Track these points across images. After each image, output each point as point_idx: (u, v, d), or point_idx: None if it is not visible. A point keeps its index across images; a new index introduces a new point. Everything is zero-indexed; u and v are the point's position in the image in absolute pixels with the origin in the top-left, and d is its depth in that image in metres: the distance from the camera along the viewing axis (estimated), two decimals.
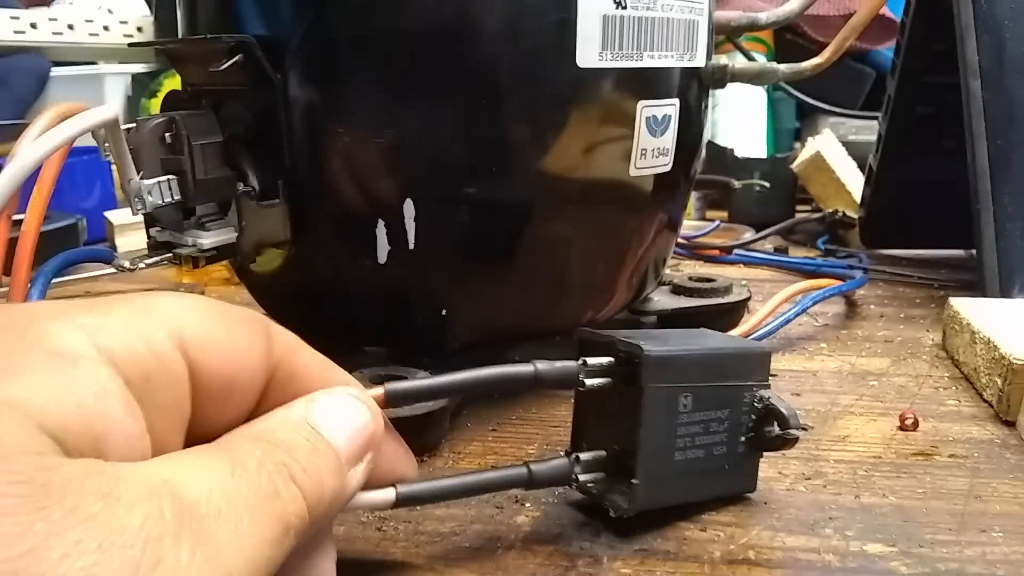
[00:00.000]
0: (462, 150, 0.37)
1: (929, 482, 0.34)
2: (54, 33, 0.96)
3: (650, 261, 0.46)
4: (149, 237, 0.38)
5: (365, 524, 0.31)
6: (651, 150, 0.41)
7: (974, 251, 0.55)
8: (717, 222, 0.83)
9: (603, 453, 0.30)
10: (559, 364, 0.29)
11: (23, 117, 0.92)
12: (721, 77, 0.47)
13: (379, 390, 0.26)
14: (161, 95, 0.49)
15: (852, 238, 0.76)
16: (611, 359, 0.30)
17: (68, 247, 0.66)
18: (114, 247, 0.74)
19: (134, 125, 0.36)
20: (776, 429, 0.31)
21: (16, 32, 0.94)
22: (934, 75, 0.65)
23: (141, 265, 0.37)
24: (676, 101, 0.41)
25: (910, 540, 0.30)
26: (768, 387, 0.32)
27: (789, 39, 1.10)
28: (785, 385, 0.44)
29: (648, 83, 0.40)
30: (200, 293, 0.60)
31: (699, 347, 0.32)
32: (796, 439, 0.31)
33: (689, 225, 0.85)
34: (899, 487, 0.33)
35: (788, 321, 0.49)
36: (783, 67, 0.49)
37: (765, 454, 0.35)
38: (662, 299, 0.51)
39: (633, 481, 0.29)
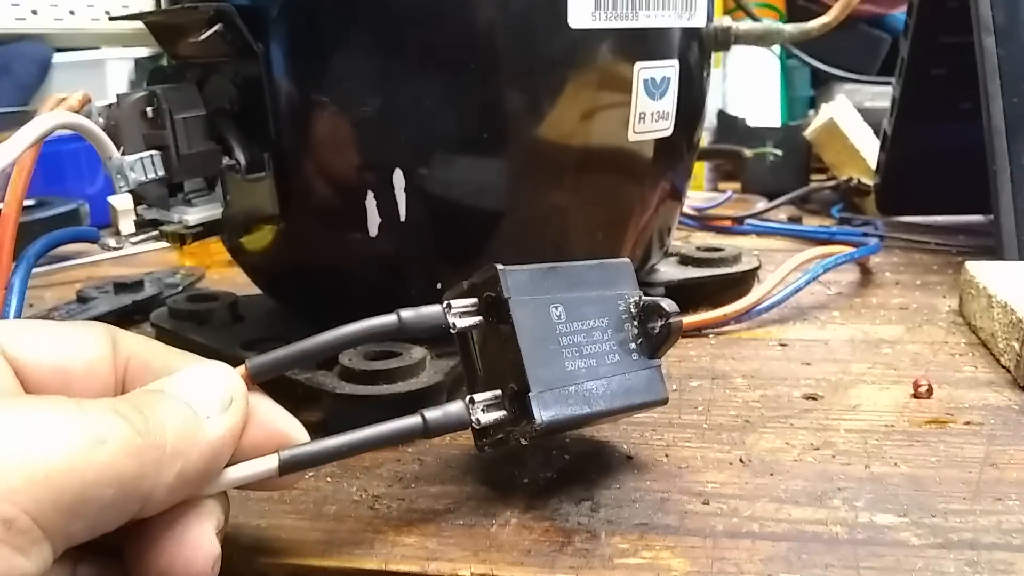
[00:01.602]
0: (452, 118, 0.36)
1: (943, 450, 0.33)
2: (55, 19, 0.95)
3: (654, 230, 0.45)
4: (136, 215, 0.38)
5: (357, 503, 0.30)
6: (650, 114, 0.39)
7: (992, 215, 0.53)
8: (729, 192, 0.82)
9: (498, 392, 0.29)
10: (423, 309, 0.28)
11: (26, 104, 0.91)
12: (725, 38, 0.45)
13: (240, 368, 0.26)
14: None
15: (868, 206, 0.74)
16: (476, 299, 0.29)
17: None
18: (118, 232, 0.73)
19: (115, 101, 0.35)
20: (660, 322, 0.31)
21: (17, 19, 0.93)
22: (948, 35, 0.63)
23: (127, 244, 0.36)
24: (675, 62, 0.40)
25: (922, 510, 0.28)
26: (639, 293, 0.32)
27: (801, 5, 1.08)
28: (795, 354, 0.43)
29: (645, 43, 0.39)
30: (201, 276, 0.59)
31: (553, 263, 0.31)
32: (680, 324, 0.31)
33: (701, 196, 0.83)
34: (911, 456, 0.32)
35: (799, 290, 0.48)
36: (789, 27, 0.47)
37: (770, 424, 0.35)
38: (669, 270, 0.50)
39: (529, 394, 0.28)
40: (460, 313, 0.29)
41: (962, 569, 0.25)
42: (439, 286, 0.38)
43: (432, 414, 0.27)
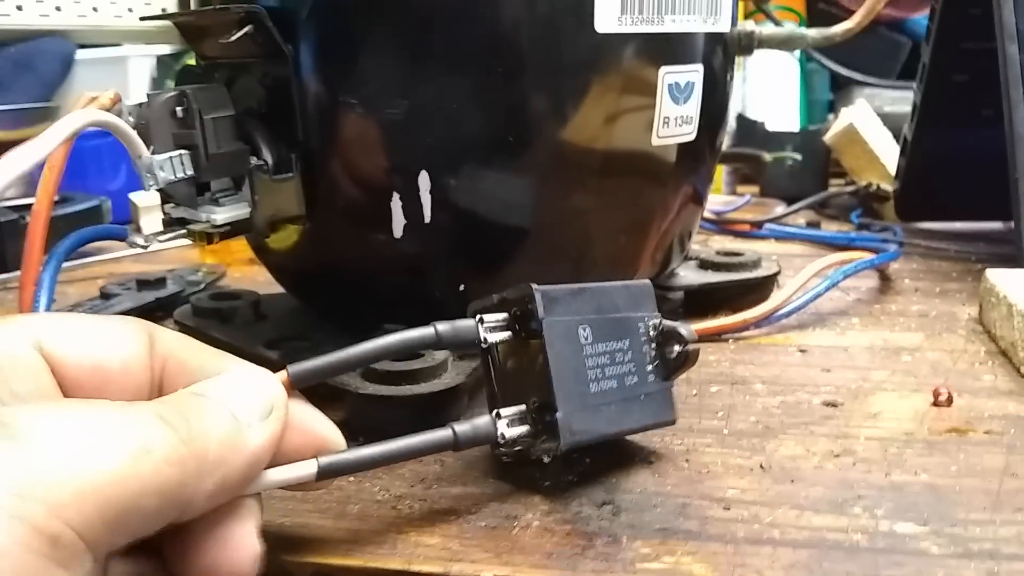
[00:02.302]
0: (478, 121, 0.36)
1: (963, 459, 0.33)
2: (79, 16, 0.96)
3: (675, 235, 0.45)
4: (164, 213, 0.38)
5: (380, 503, 0.31)
6: (674, 118, 0.40)
7: (1012, 223, 0.53)
8: (748, 197, 0.82)
9: (523, 407, 0.30)
10: (459, 323, 0.30)
11: (49, 100, 0.92)
12: (748, 43, 0.45)
13: (282, 373, 0.26)
14: None
15: (887, 211, 0.74)
16: (506, 314, 0.30)
17: None
18: (139, 228, 0.74)
19: (145, 100, 0.36)
20: (677, 348, 0.32)
21: (41, 15, 0.94)
22: (970, 40, 0.62)
23: (155, 242, 0.36)
24: (700, 67, 0.40)
25: (942, 519, 0.28)
26: (658, 316, 0.33)
27: (822, 8, 1.08)
28: (815, 361, 0.43)
29: (670, 48, 0.39)
30: (222, 274, 0.60)
31: (582, 285, 0.32)
32: (697, 352, 0.32)
33: (720, 200, 0.83)
34: (931, 465, 0.32)
35: (818, 296, 0.48)
36: (812, 32, 0.47)
37: (791, 431, 0.35)
38: (688, 274, 0.50)
39: (556, 415, 0.29)
40: (491, 327, 0.30)
41: None
42: (462, 288, 0.39)
43: (462, 428, 0.29)
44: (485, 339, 0.30)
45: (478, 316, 0.30)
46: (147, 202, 0.63)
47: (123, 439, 0.20)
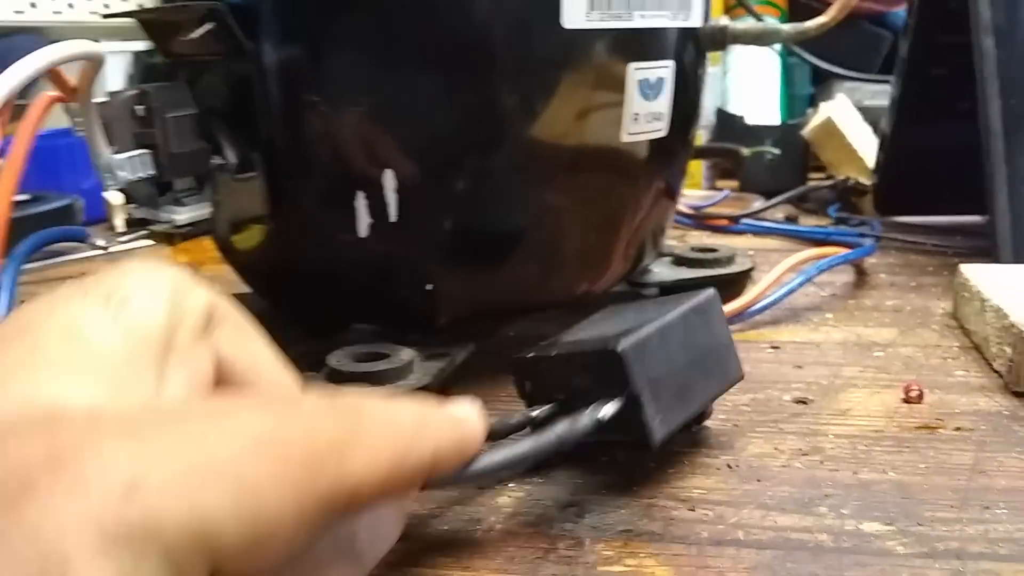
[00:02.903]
0: (444, 118, 0.36)
1: (932, 457, 0.32)
2: (54, 12, 0.95)
3: (647, 231, 0.45)
4: (127, 213, 0.37)
5: None
6: (644, 115, 0.39)
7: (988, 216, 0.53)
8: (726, 191, 0.81)
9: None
10: (579, 424, 0.28)
11: (25, 98, 0.91)
12: (721, 39, 0.45)
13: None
14: None
15: (865, 206, 0.74)
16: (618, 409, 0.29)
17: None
18: (112, 228, 0.73)
19: (107, 99, 0.35)
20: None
21: (16, 11, 0.93)
22: (948, 34, 0.62)
23: (116, 243, 0.36)
24: (671, 63, 0.40)
25: (909, 518, 0.28)
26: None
27: (803, 2, 1.07)
28: (787, 357, 0.43)
29: (640, 44, 0.38)
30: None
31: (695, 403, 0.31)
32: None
33: (698, 195, 0.83)
34: (900, 462, 0.32)
35: (792, 291, 0.48)
36: (786, 27, 0.47)
37: (760, 429, 0.35)
38: (662, 270, 0.50)
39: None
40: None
41: None
42: (429, 287, 0.38)
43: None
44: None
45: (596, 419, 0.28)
46: (122, 200, 0.63)
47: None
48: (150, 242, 0.37)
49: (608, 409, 0.28)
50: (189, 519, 0.15)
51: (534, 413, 0.30)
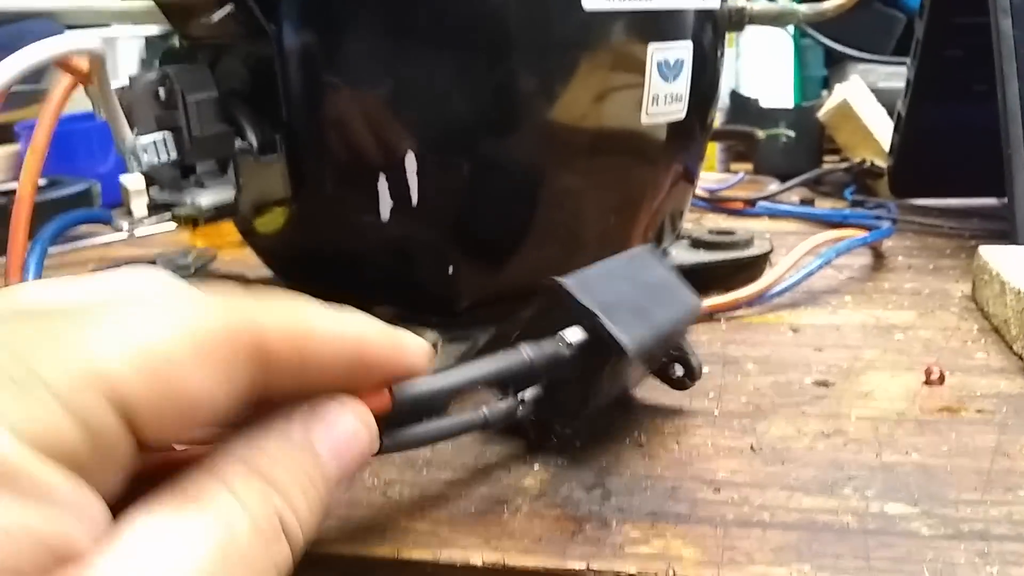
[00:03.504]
0: (465, 100, 0.36)
1: (954, 439, 0.32)
2: None
3: (666, 214, 0.45)
4: (149, 198, 0.38)
5: (370, 489, 0.30)
6: (663, 96, 0.39)
7: (1006, 199, 0.53)
8: (741, 174, 0.81)
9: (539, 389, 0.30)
10: (546, 348, 0.28)
11: (37, 82, 0.91)
12: (739, 19, 0.45)
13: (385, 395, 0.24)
14: None
15: (881, 188, 0.74)
16: (585, 336, 0.29)
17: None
18: (129, 212, 0.73)
19: (128, 83, 0.35)
20: (680, 371, 0.35)
21: None
22: (964, 15, 0.62)
23: (140, 226, 0.36)
24: (689, 44, 0.40)
25: (933, 500, 0.28)
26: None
27: None
28: (807, 340, 0.43)
29: (659, 25, 0.38)
30: (213, 257, 0.59)
31: (664, 322, 0.32)
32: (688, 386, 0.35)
33: (713, 178, 0.83)
34: (923, 444, 0.32)
35: (811, 274, 0.48)
36: (804, 8, 0.47)
37: (781, 411, 0.35)
38: (681, 253, 0.50)
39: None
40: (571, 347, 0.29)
41: (972, 560, 0.25)
42: (451, 270, 0.38)
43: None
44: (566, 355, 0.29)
45: (559, 336, 0.29)
46: (138, 185, 0.63)
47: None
48: (173, 225, 0.37)
49: (572, 333, 0.29)
50: (88, 365, 0.17)
51: (522, 395, 0.30)
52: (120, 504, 0.18)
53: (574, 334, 0.29)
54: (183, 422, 0.18)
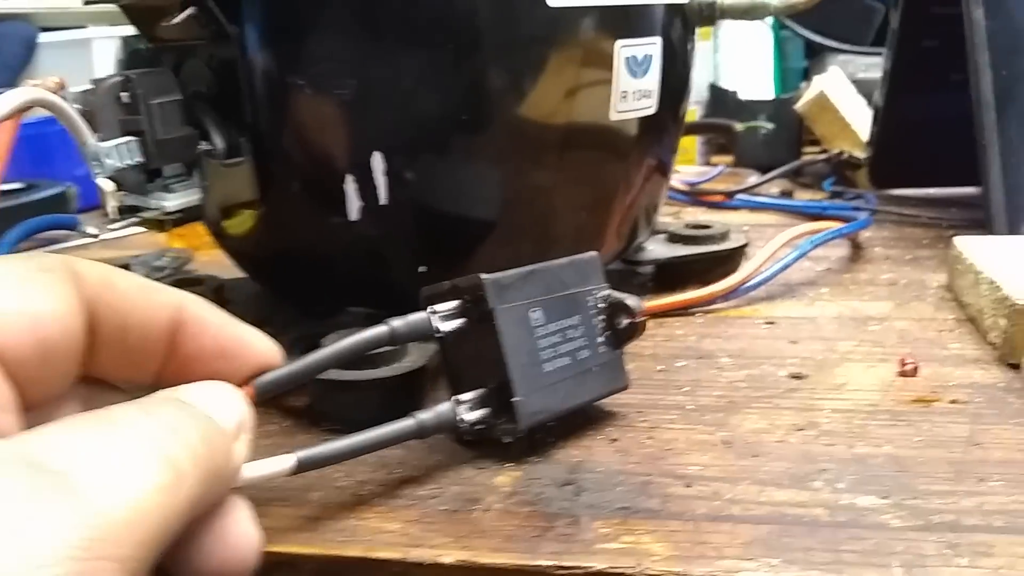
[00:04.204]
0: (432, 99, 0.36)
1: (927, 430, 0.32)
2: None
3: (640, 208, 0.44)
4: (117, 201, 0.37)
5: (341, 489, 0.30)
6: (632, 92, 0.39)
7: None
8: (721, 167, 0.81)
9: (481, 391, 0.31)
10: (411, 317, 0.30)
11: (12, 85, 0.90)
12: (709, 14, 0.45)
13: (247, 390, 0.26)
14: None
15: (860, 179, 0.74)
16: (458, 301, 0.31)
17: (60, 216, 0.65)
18: (107, 214, 0.73)
19: (91, 86, 0.35)
20: (626, 320, 0.33)
21: None
22: (939, 5, 0.62)
23: (106, 231, 0.35)
24: (658, 39, 0.40)
25: (904, 491, 0.28)
26: (606, 288, 0.34)
27: None
28: (782, 332, 0.43)
29: (626, 21, 0.38)
30: (189, 259, 0.59)
31: (530, 266, 0.32)
32: (645, 324, 0.33)
33: (693, 171, 0.83)
34: (895, 436, 0.32)
35: (787, 266, 0.48)
36: (775, 1, 0.47)
37: (755, 404, 0.35)
38: (657, 248, 0.50)
39: (513, 399, 0.30)
40: (444, 317, 0.30)
41: (942, 552, 0.25)
42: (422, 269, 0.38)
43: (425, 416, 0.29)
44: (439, 329, 0.30)
45: (430, 308, 0.30)
46: (115, 188, 0.63)
47: (160, 470, 0.19)
48: (141, 229, 0.37)
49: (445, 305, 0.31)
50: None
51: (463, 396, 0.31)
52: None
53: (446, 305, 0.31)
54: (38, 336, 0.21)
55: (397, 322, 0.29)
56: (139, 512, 0.18)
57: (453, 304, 0.31)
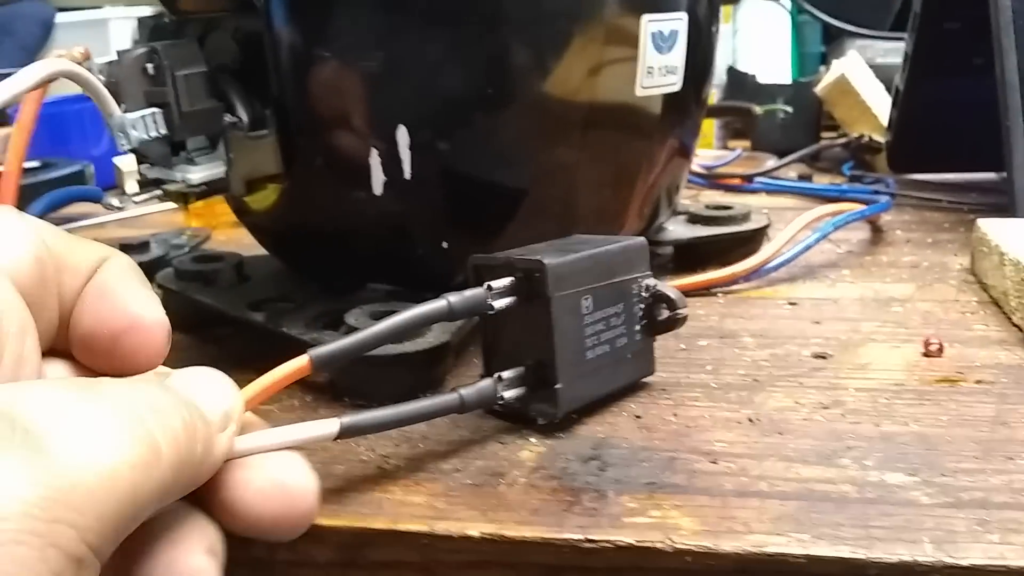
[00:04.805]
0: (457, 73, 0.35)
1: (953, 409, 0.32)
2: None
3: (662, 188, 0.44)
4: (140, 174, 0.37)
5: (366, 463, 0.30)
6: (658, 68, 0.39)
7: (1004, 173, 0.53)
8: (739, 151, 0.81)
9: (520, 369, 0.31)
10: (468, 293, 0.30)
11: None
12: None
13: (304, 358, 0.26)
14: None
15: (879, 163, 0.73)
16: (512, 278, 0.31)
17: None
18: (123, 193, 0.73)
19: (115, 58, 0.35)
20: (666, 312, 0.33)
21: None
22: None
23: (131, 203, 0.35)
24: (684, 15, 0.39)
25: (932, 469, 0.28)
26: (651, 276, 0.34)
27: None
28: (805, 313, 0.42)
29: None
30: (207, 237, 0.59)
31: (588, 251, 0.32)
32: (685, 317, 0.33)
33: (711, 154, 0.82)
34: (922, 415, 0.32)
35: (808, 248, 0.47)
36: None
37: (779, 383, 0.35)
38: (677, 228, 0.49)
39: (556, 387, 0.30)
40: (498, 294, 0.30)
41: (972, 528, 0.25)
42: (444, 245, 0.38)
43: (467, 392, 0.30)
44: (492, 306, 0.30)
45: (487, 284, 0.30)
46: (131, 166, 0.63)
47: (135, 445, 0.19)
48: (162, 205, 0.37)
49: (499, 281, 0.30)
50: None
51: (505, 373, 0.31)
52: None
53: (501, 281, 0.31)
54: (38, 256, 0.22)
55: (454, 297, 0.29)
56: (106, 482, 0.18)
57: (507, 281, 0.31)
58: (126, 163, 0.78)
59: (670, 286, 0.33)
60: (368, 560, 0.27)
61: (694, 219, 0.51)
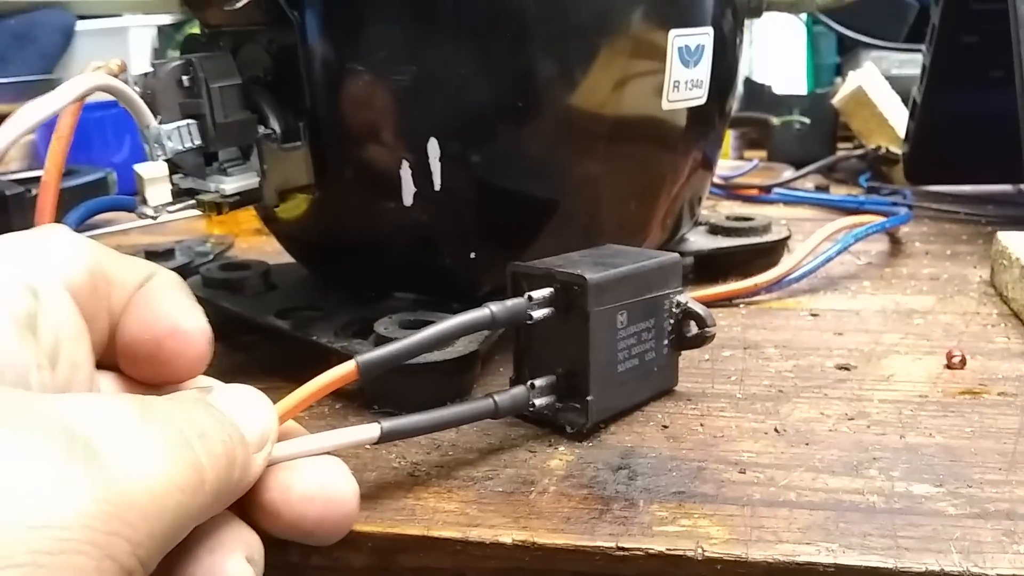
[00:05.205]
0: (486, 86, 0.36)
1: (977, 421, 0.33)
2: None
3: (685, 200, 0.45)
4: (172, 184, 0.38)
5: (397, 470, 0.31)
6: (684, 82, 0.39)
7: (1022, 185, 0.53)
8: (756, 161, 0.81)
9: (552, 377, 0.32)
10: (509, 303, 0.31)
11: (50, 72, 0.91)
12: (757, 5, 0.45)
13: (351, 364, 0.27)
14: None
15: (896, 175, 0.74)
16: (551, 289, 0.31)
17: None
18: (144, 200, 0.73)
19: (151, 70, 0.35)
20: (694, 328, 0.34)
21: None
22: (980, 1, 0.62)
23: (164, 212, 0.36)
24: (710, 30, 0.40)
25: (958, 480, 0.28)
26: (682, 292, 0.34)
27: None
28: (827, 324, 0.43)
29: (680, 10, 0.38)
30: (230, 245, 0.60)
31: (627, 266, 0.33)
32: (713, 335, 0.34)
33: (727, 165, 0.83)
34: (946, 426, 0.32)
35: (829, 260, 0.48)
36: None
37: (804, 394, 0.35)
38: (698, 239, 0.50)
39: (588, 398, 0.31)
40: (537, 305, 0.31)
41: (999, 539, 0.25)
42: (472, 256, 0.38)
43: (501, 398, 0.31)
44: (531, 316, 0.31)
45: (527, 295, 0.31)
46: (152, 174, 0.63)
47: (185, 469, 0.19)
48: (191, 212, 0.37)
49: (539, 292, 0.31)
50: None
51: (537, 381, 0.32)
52: None
53: (541, 292, 0.31)
54: (90, 267, 0.23)
55: (496, 307, 0.30)
56: (158, 501, 0.18)
57: (546, 292, 0.31)
58: (147, 171, 0.79)
59: (700, 304, 0.34)
60: (401, 566, 0.27)
61: (715, 230, 0.51)
